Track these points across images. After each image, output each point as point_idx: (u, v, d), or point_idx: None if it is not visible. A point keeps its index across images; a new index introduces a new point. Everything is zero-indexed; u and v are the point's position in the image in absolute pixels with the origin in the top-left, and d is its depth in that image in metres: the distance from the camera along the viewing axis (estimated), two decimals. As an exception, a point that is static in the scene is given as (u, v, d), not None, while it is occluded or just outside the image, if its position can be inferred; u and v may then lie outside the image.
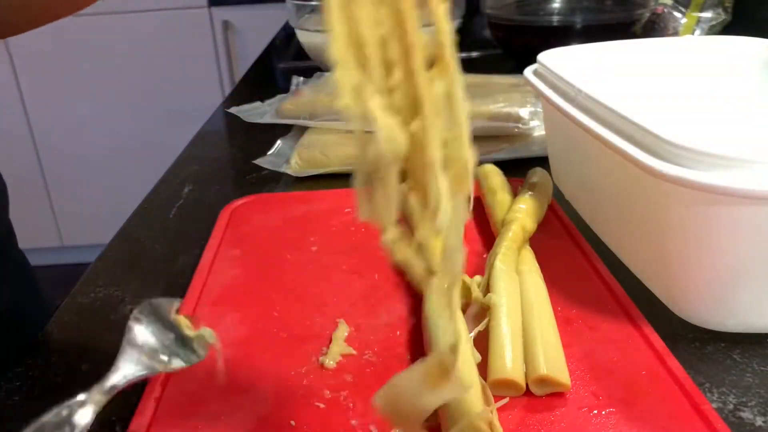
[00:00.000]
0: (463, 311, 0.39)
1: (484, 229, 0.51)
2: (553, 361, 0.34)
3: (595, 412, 0.33)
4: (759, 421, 0.33)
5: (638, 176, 0.36)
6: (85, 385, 0.37)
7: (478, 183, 0.54)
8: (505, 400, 0.31)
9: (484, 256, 0.48)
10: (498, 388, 0.33)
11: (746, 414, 0.33)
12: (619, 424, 0.32)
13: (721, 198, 0.33)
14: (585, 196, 0.51)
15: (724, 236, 0.34)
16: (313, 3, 0.97)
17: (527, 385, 0.34)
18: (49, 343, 0.41)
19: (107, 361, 0.39)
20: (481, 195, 0.53)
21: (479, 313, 0.38)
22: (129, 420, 0.34)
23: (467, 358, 0.33)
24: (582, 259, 0.46)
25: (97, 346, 0.40)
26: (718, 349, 0.38)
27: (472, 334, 0.37)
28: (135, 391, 0.36)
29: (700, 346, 0.38)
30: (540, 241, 0.46)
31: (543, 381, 0.33)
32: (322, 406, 0.34)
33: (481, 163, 0.57)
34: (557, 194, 0.54)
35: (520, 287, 0.40)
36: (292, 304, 0.43)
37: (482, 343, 0.36)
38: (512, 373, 0.34)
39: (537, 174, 0.52)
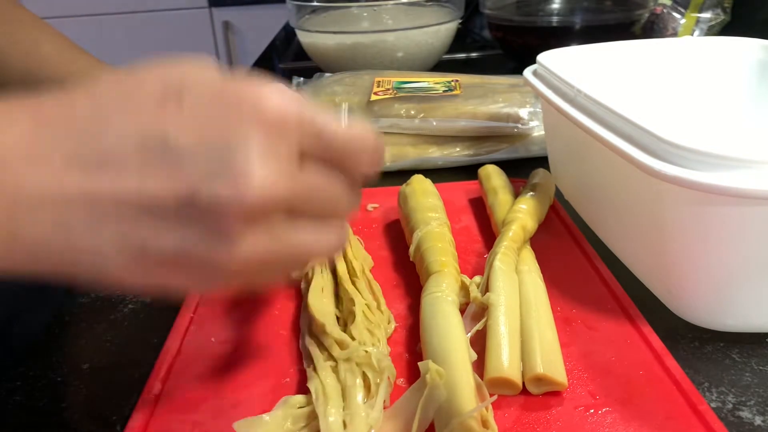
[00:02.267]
0: (462, 311, 0.39)
1: (486, 229, 0.51)
2: (550, 360, 0.34)
3: (592, 411, 0.33)
4: (758, 420, 0.33)
5: (637, 176, 0.36)
6: (86, 384, 0.37)
7: (480, 183, 0.54)
8: (494, 398, 0.31)
9: (485, 256, 0.48)
10: (494, 387, 0.33)
11: (745, 413, 0.33)
12: (615, 424, 0.32)
13: (719, 198, 0.33)
14: (584, 196, 0.51)
15: (723, 236, 0.35)
16: (314, 4, 0.97)
17: (524, 384, 0.34)
18: (49, 343, 0.41)
19: (108, 360, 0.39)
20: (483, 195, 0.53)
21: (477, 312, 0.39)
22: (129, 419, 0.34)
23: (463, 357, 0.33)
24: (583, 260, 0.46)
25: (97, 345, 0.40)
26: (717, 348, 0.38)
27: (470, 333, 0.37)
28: (135, 389, 0.36)
29: (699, 346, 0.38)
30: (541, 242, 0.46)
31: (539, 380, 0.34)
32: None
33: (481, 163, 0.57)
34: (557, 194, 0.54)
35: (519, 287, 0.40)
36: (293, 301, 0.43)
37: (480, 342, 0.36)
38: (509, 371, 0.34)
39: (539, 174, 0.52)
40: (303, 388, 0.35)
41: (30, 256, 0.23)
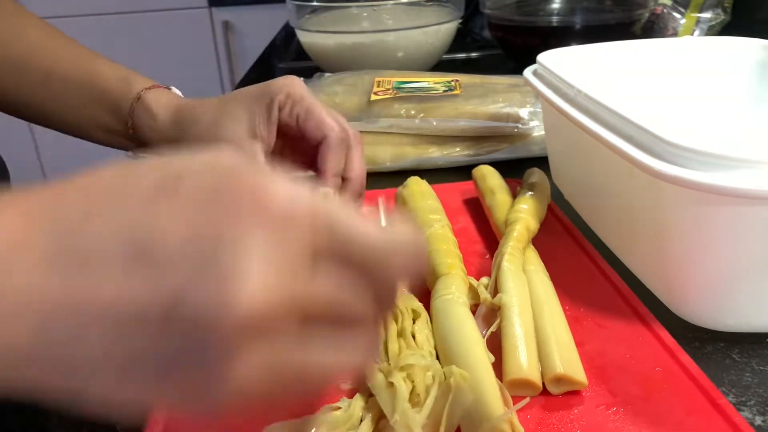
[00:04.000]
0: (473, 312, 0.39)
1: (485, 230, 0.51)
2: (568, 360, 0.34)
3: (614, 409, 0.33)
4: (758, 421, 0.33)
5: (637, 176, 0.36)
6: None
7: (475, 184, 0.54)
8: (526, 400, 0.31)
9: (487, 257, 0.48)
10: (514, 388, 0.33)
11: (745, 413, 0.33)
12: (637, 421, 0.32)
13: (719, 198, 0.33)
14: (585, 196, 0.51)
15: (723, 236, 0.35)
16: (314, 4, 0.97)
17: (543, 384, 0.34)
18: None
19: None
20: (480, 196, 0.53)
21: (488, 314, 0.39)
22: (129, 420, 0.34)
23: (483, 359, 0.33)
24: (585, 258, 0.46)
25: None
26: (717, 348, 0.38)
27: (485, 335, 0.36)
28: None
29: (699, 346, 0.38)
30: (541, 241, 0.46)
31: (560, 380, 0.34)
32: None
33: (480, 163, 0.57)
34: (557, 194, 0.54)
35: (528, 287, 0.40)
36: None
37: (493, 343, 0.36)
38: (528, 372, 0.34)
39: (535, 174, 0.52)
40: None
41: (8, 366, 0.20)
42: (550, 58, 0.51)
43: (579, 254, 0.47)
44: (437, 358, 0.35)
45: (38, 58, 0.53)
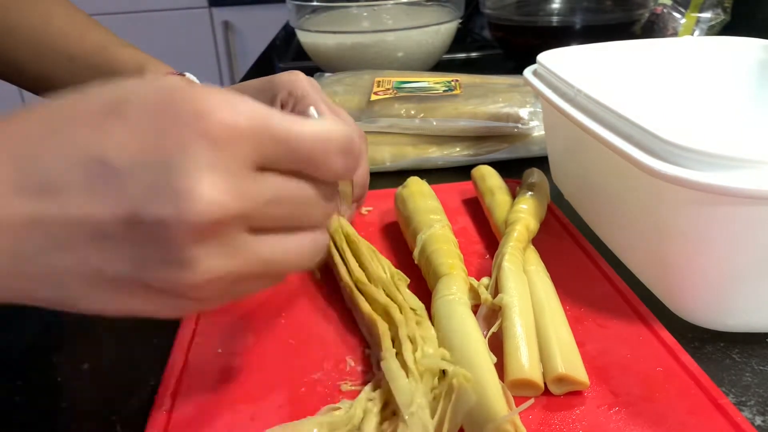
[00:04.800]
0: (474, 313, 0.39)
1: (485, 230, 0.51)
2: (570, 360, 0.34)
3: (616, 409, 0.33)
4: (758, 421, 0.33)
5: (637, 176, 0.36)
6: (86, 384, 0.37)
7: (474, 184, 0.54)
8: (531, 401, 0.31)
9: (487, 257, 0.48)
10: (516, 389, 0.33)
11: (745, 414, 0.33)
12: (639, 421, 0.32)
13: (720, 198, 0.33)
14: (585, 196, 0.51)
15: (723, 236, 0.34)
16: (314, 4, 0.97)
17: (545, 384, 0.34)
18: (49, 343, 0.41)
19: (108, 360, 0.39)
20: (479, 196, 0.53)
21: (489, 314, 0.38)
22: (129, 420, 0.34)
23: (486, 360, 0.33)
24: (584, 258, 0.46)
25: (97, 345, 0.40)
26: (717, 348, 0.38)
27: (486, 335, 0.36)
28: (134, 391, 0.36)
29: (699, 346, 0.38)
30: (541, 242, 0.46)
31: (561, 380, 0.34)
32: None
33: (479, 163, 0.57)
34: (557, 194, 0.54)
35: (529, 287, 0.40)
36: (299, 309, 0.42)
37: (494, 344, 0.36)
38: (530, 372, 0.33)
39: (535, 174, 0.52)
40: (319, 398, 0.34)
41: None
42: (550, 58, 0.51)
43: (579, 254, 0.47)
44: None
45: (64, 42, 0.54)
